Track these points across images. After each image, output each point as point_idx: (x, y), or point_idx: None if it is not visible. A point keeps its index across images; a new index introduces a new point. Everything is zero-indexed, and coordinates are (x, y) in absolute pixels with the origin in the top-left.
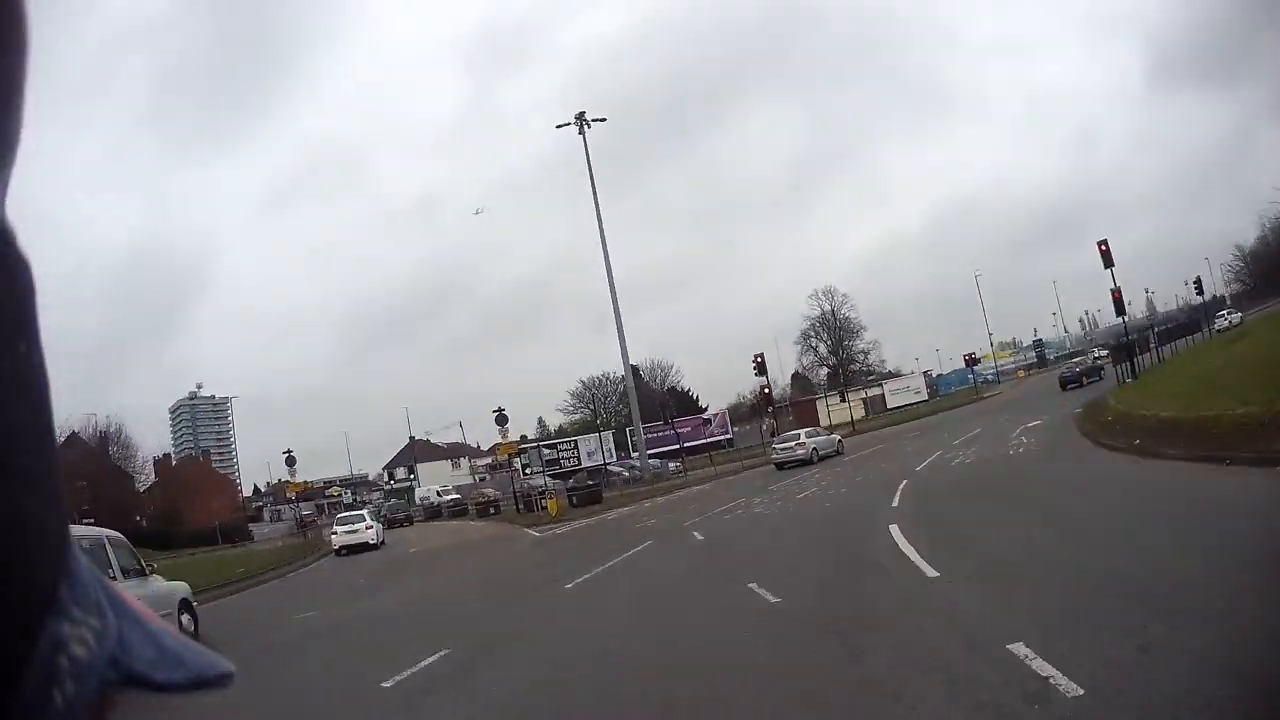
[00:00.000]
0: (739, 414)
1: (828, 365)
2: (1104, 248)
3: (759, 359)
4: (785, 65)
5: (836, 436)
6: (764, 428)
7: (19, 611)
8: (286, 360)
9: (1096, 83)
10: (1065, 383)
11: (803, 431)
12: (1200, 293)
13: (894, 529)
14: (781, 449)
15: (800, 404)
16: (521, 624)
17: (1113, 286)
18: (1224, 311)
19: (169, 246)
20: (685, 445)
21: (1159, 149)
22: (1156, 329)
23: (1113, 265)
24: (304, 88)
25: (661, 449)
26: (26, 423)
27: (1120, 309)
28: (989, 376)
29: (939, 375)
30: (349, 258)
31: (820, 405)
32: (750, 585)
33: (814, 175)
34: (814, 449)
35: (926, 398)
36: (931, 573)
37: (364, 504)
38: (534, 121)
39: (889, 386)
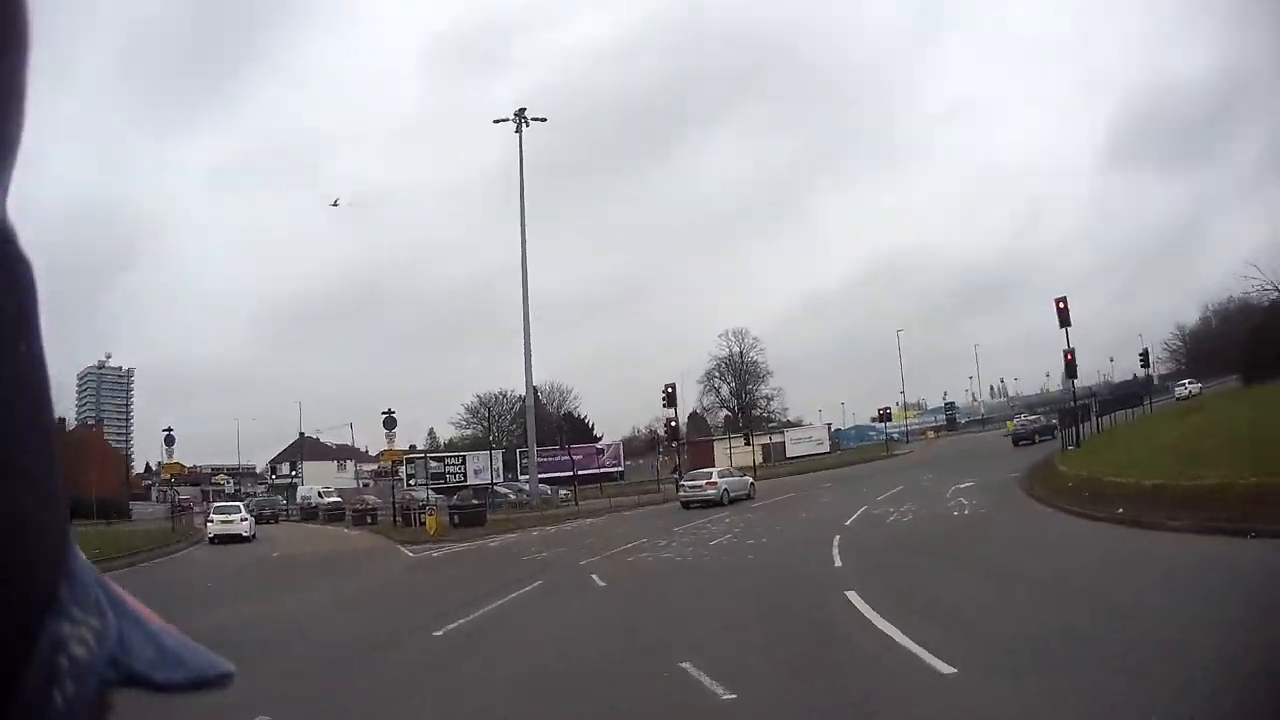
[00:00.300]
0: (633, 447)
1: (729, 407)
2: (1062, 305)
3: (670, 389)
4: (731, 106)
5: (749, 479)
6: (659, 462)
7: (19, 611)
8: (200, 339)
9: (1046, 156)
10: (1018, 439)
11: (715, 470)
12: (1146, 365)
13: (853, 596)
14: (690, 487)
15: (698, 443)
16: (367, 690)
17: (1066, 348)
18: (1185, 381)
19: (105, 211)
20: (578, 473)
21: (1101, 228)
22: (1098, 399)
23: (1069, 325)
24: (265, 73)
25: (552, 474)
26: (26, 423)
27: (1071, 370)
28: (895, 435)
29: (838, 430)
30: (280, 248)
31: (719, 447)
32: (683, 665)
33: (743, 218)
34: (725, 490)
35: (829, 450)
36: (944, 667)
37: (247, 495)
38: (474, 138)
39: (791, 435)
